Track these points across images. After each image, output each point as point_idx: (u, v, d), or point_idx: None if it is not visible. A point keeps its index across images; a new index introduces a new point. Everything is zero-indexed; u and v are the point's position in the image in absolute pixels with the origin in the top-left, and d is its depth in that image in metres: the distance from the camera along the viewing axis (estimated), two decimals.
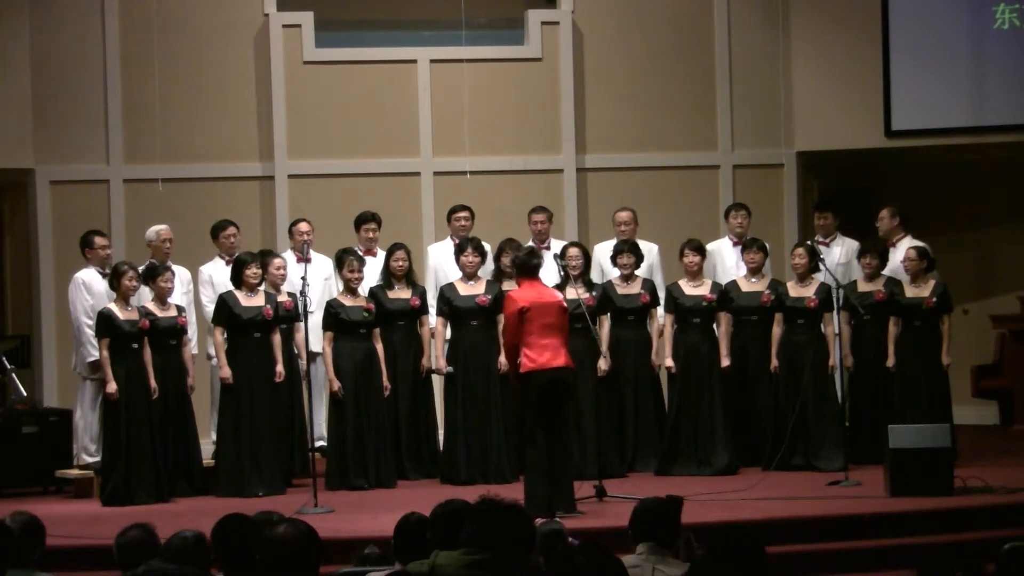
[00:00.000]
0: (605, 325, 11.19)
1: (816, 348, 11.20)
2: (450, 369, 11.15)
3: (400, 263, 11.28)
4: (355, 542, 8.45)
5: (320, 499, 9.89)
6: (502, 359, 11.00)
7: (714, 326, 11.42)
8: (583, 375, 10.58)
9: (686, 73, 13.79)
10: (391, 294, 11.27)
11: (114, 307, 10.59)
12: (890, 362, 11.24)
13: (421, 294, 11.38)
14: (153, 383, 10.59)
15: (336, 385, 10.87)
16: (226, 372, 10.81)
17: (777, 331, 11.27)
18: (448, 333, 11.34)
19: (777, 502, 9.65)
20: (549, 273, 10.62)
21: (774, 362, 11.23)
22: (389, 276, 11.30)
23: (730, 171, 13.77)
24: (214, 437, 11.27)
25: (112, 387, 10.46)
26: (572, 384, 9.45)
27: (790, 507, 9.49)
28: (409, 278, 11.35)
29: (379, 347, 11.07)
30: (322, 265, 11.67)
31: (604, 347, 11.03)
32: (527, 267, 9.50)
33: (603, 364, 11.03)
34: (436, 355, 11.22)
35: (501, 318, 11.05)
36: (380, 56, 13.49)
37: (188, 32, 13.24)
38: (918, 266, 11.28)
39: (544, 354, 9.29)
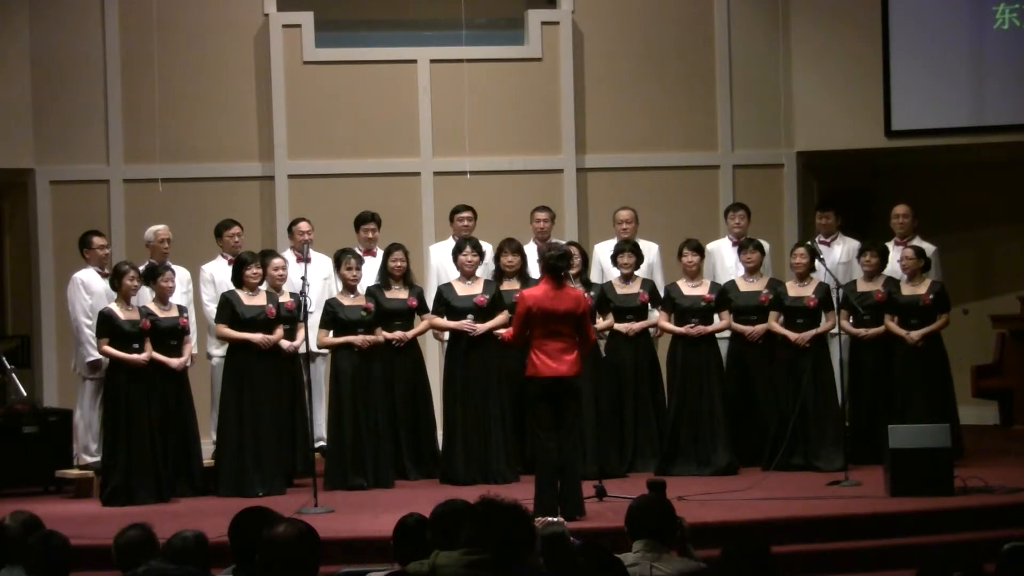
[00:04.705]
0: (602, 323, 11.19)
1: (816, 348, 11.21)
2: (470, 317, 11.09)
3: (398, 263, 11.27)
4: (355, 542, 8.49)
5: (320, 499, 9.89)
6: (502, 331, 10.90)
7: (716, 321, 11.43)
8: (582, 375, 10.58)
9: (686, 73, 13.80)
10: (388, 294, 11.27)
11: (115, 307, 10.59)
12: (910, 335, 11.17)
13: (418, 294, 11.38)
14: (175, 362, 10.62)
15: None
16: (257, 338, 10.79)
17: (776, 324, 11.26)
18: (446, 333, 11.35)
19: (777, 502, 9.65)
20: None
21: (793, 336, 11.15)
22: (387, 276, 11.29)
23: (730, 171, 13.77)
24: (214, 437, 11.28)
25: (140, 357, 10.46)
26: (574, 390, 9.40)
27: (790, 507, 9.49)
28: (407, 278, 11.35)
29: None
30: (322, 265, 11.68)
31: (601, 326, 11.03)
32: (549, 267, 9.42)
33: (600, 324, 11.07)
34: (454, 327, 11.13)
35: (501, 317, 11.11)
36: (380, 56, 13.50)
37: (188, 32, 13.24)
38: (915, 265, 11.30)
39: (546, 360, 9.27)
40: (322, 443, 11.32)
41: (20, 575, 5.71)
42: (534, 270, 11.21)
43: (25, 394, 11.87)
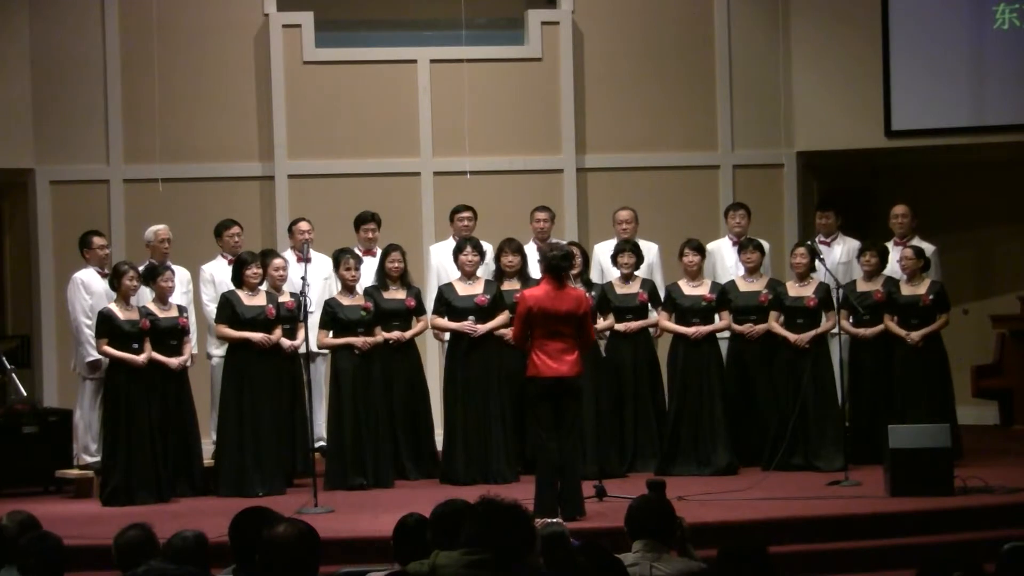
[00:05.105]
0: (602, 323, 11.19)
1: (816, 348, 11.20)
2: (471, 318, 11.09)
3: (395, 264, 11.26)
4: (355, 542, 8.49)
5: (320, 499, 9.89)
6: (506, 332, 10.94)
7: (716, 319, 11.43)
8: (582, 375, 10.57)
9: (686, 73, 13.80)
10: (386, 295, 11.26)
11: (115, 307, 10.59)
12: (910, 335, 11.17)
13: (416, 295, 11.37)
14: (174, 362, 10.61)
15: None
16: (257, 337, 10.79)
17: (776, 325, 11.26)
18: (447, 334, 11.35)
19: (777, 502, 9.65)
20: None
21: (793, 337, 11.16)
22: (384, 277, 11.29)
23: (730, 171, 13.77)
24: (214, 437, 11.27)
25: (140, 358, 10.45)
26: (575, 390, 9.40)
27: (790, 507, 9.49)
28: (404, 279, 11.34)
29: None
30: (322, 265, 11.67)
31: (601, 326, 11.02)
32: (552, 267, 9.40)
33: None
34: (454, 328, 11.14)
35: (502, 317, 11.11)
36: (380, 56, 13.50)
37: (188, 32, 13.24)
38: (915, 265, 11.31)
39: (547, 361, 9.28)
40: (322, 443, 11.31)
41: None
42: (534, 270, 11.22)
43: (25, 394, 11.86)
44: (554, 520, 8.14)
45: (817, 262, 11.28)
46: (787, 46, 13.86)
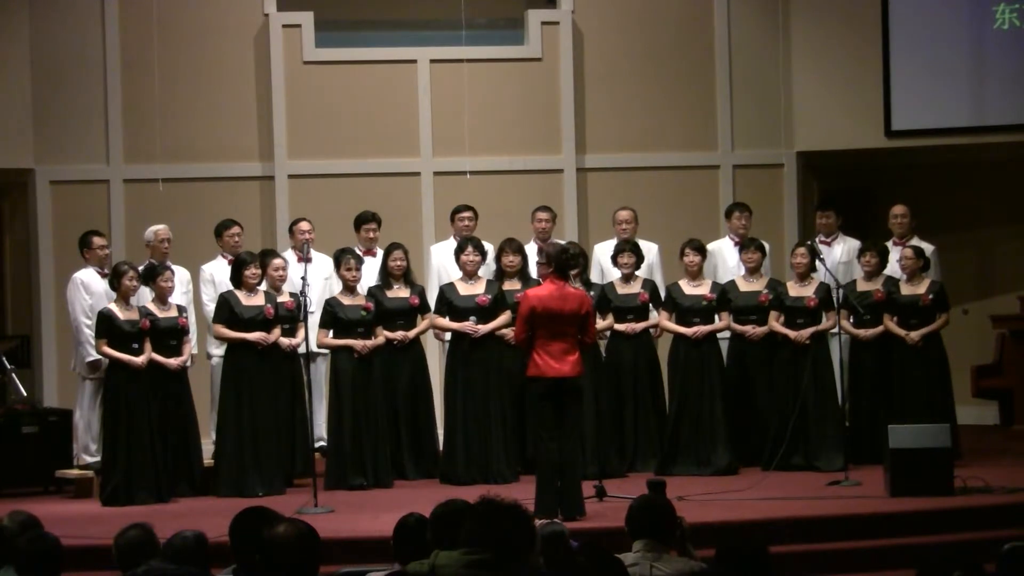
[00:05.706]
0: (602, 323, 11.18)
1: (816, 348, 11.21)
2: (473, 319, 11.10)
3: (398, 263, 11.27)
4: (355, 542, 8.50)
5: (320, 499, 9.89)
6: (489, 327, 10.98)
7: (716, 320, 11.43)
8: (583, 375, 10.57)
9: (686, 73, 13.80)
10: (389, 293, 11.27)
11: (114, 307, 10.60)
12: (910, 335, 11.17)
13: (420, 293, 11.38)
14: (174, 362, 10.62)
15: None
16: (254, 336, 10.77)
17: (776, 324, 11.25)
18: (448, 334, 11.35)
19: (777, 502, 9.65)
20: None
21: (793, 334, 11.16)
22: (387, 276, 11.30)
23: (730, 171, 13.77)
24: (214, 437, 11.27)
25: (139, 360, 10.44)
26: (576, 390, 9.41)
27: (790, 507, 9.49)
28: (407, 277, 11.35)
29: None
30: (322, 265, 11.68)
31: (601, 326, 11.01)
32: (561, 266, 9.39)
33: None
34: (455, 328, 11.15)
35: (504, 317, 11.11)
36: (380, 56, 13.50)
37: (188, 32, 13.24)
38: (915, 265, 11.32)
39: (549, 361, 9.28)
40: (322, 443, 11.32)
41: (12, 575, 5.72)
42: (534, 270, 11.24)
43: (25, 394, 11.87)
44: (554, 520, 8.14)
45: (817, 262, 11.28)
46: (787, 46, 13.86)
